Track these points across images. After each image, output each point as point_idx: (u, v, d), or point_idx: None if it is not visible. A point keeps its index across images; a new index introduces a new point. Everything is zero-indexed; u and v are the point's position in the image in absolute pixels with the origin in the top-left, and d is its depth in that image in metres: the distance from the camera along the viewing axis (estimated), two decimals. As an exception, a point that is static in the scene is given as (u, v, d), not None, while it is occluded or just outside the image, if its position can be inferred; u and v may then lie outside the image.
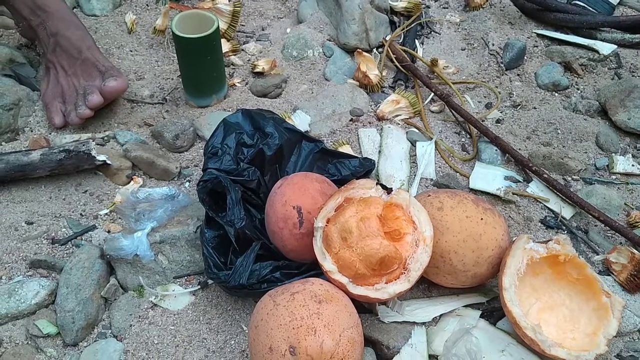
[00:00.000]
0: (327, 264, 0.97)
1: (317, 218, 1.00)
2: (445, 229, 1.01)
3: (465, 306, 1.08)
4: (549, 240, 1.02)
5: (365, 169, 1.24)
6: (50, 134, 1.40)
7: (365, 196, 1.02)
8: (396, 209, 1.02)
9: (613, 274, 1.13)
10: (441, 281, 1.06)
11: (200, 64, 1.41)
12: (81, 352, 1.05)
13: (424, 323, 1.05)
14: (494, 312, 1.08)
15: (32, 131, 1.41)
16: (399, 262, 0.97)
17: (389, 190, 1.03)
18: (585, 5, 1.73)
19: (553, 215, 1.24)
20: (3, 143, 1.37)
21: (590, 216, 1.21)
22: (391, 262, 0.96)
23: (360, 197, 1.02)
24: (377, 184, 1.04)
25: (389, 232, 0.98)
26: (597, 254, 1.17)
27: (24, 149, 1.31)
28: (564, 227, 1.22)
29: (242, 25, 1.75)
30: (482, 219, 1.01)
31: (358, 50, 1.56)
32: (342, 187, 1.03)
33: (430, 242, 0.98)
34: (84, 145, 1.26)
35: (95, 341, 1.07)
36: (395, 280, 0.97)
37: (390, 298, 0.96)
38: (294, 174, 1.13)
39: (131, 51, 1.64)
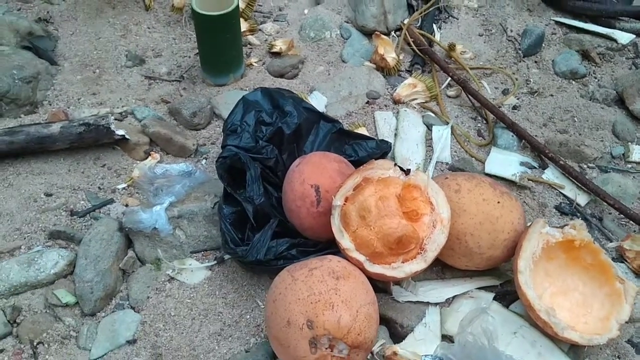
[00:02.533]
0: (345, 241, 0.98)
1: (335, 196, 1.01)
2: (462, 211, 1.02)
3: (479, 288, 1.09)
4: (565, 225, 1.03)
5: (382, 151, 1.25)
6: (68, 107, 1.41)
7: (384, 176, 1.03)
8: (414, 190, 1.02)
9: (626, 261, 1.14)
10: (456, 263, 1.07)
11: (219, 42, 1.41)
12: (99, 322, 1.07)
13: (437, 303, 1.06)
14: (506, 295, 1.09)
15: (50, 105, 1.42)
16: (416, 242, 0.98)
17: (406, 172, 1.04)
18: (605, -6, 1.72)
19: (568, 202, 1.25)
20: (22, 115, 1.38)
21: (605, 204, 1.22)
22: (409, 241, 0.97)
23: (379, 177, 1.02)
24: (394, 165, 1.04)
25: (407, 212, 0.99)
26: (611, 241, 1.18)
27: (43, 122, 1.32)
28: (579, 214, 1.23)
29: (260, 5, 1.74)
30: (499, 202, 1.02)
31: (376, 32, 1.56)
32: (361, 167, 1.04)
33: (447, 223, 0.99)
34: (103, 119, 1.27)
35: (113, 312, 1.09)
36: (412, 259, 0.98)
37: (406, 277, 0.97)
38: (312, 153, 1.14)
39: (149, 28, 1.64)
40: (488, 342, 0.84)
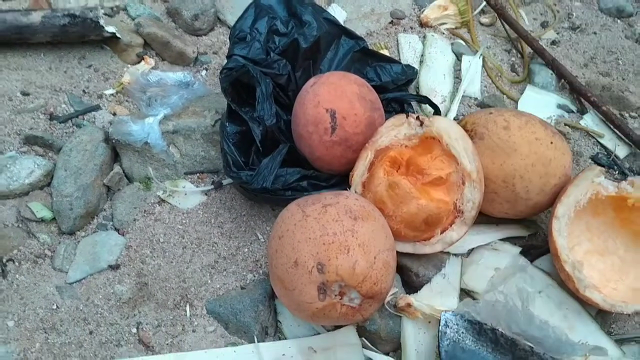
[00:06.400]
0: None
1: (351, 186, 0.91)
2: (512, 151, 0.88)
3: (503, 240, 0.98)
4: (623, 180, 0.90)
5: (407, 77, 1.10)
6: (52, -4, 1.23)
7: (383, 145, 0.90)
8: (433, 143, 0.89)
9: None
10: (494, 210, 0.95)
11: None
12: (78, 242, 0.95)
13: (457, 254, 0.95)
14: (531, 249, 0.99)
15: (31, -9, 1.24)
16: (447, 214, 0.87)
17: (421, 121, 0.90)
18: None
19: (605, 153, 1.13)
20: (-1, 1, 1.20)
21: (646, 158, 1.10)
22: (437, 219, 0.86)
23: (386, 146, 0.89)
24: (407, 116, 0.90)
25: (431, 181, 0.88)
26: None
27: (23, 9, 1.14)
28: (616, 167, 1.11)
29: None
30: (552, 142, 0.89)
31: (407, -58, 1.37)
32: (370, 140, 0.91)
33: (476, 176, 0.86)
34: (91, 11, 1.10)
35: (94, 232, 0.97)
36: (451, 226, 0.87)
37: (450, 245, 0.88)
38: (330, 73, 0.99)
39: None
40: (522, 304, 0.74)
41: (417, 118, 0.90)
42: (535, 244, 0.99)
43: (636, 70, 1.27)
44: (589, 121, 1.16)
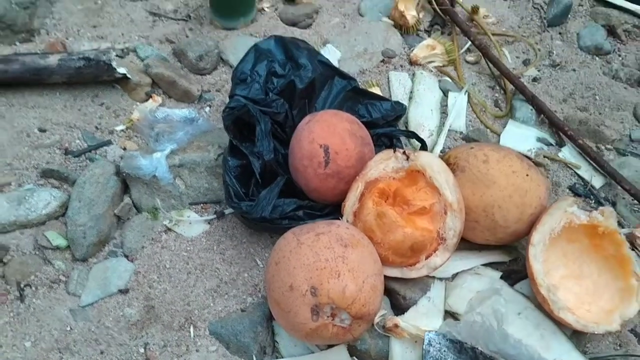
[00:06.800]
0: None
1: (343, 216, 0.99)
2: (491, 183, 0.97)
3: (485, 265, 1.06)
4: (594, 209, 0.99)
5: (397, 113, 1.19)
6: (67, 39, 1.33)
7: (372, 177, 0.98)
8: (418, 176, 0.98)
9: (637, 249, 1.10)
10: (476, 237, 1.03)
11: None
12: (90, 268, 1.03)
13: (442, 278, 1.02)
14: (512, 273, 1.06)
15: (48, 34, 1.34)
16: (431, 241, 0.95)
17: (408, 156, 0.99)
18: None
19: (582, 183, 1.21)
20: (17, 43, 1.30)
21: (620, 188, 1.18)
22: (422, 246, 0.95)
23: (375, 179, 0.98)
24: (394, 151, 0.99)
25: (416, 211, 0.96)
26: (623, 227, 1.15)
27: (40, 52, 1.24)
28: (592, 197, 1.19)
29: (276, -54, 1.64)
30: (527, 175, 0.98)
31: (398, -13, 1.48)
32: (360, 173, 1.00)
33: (457, 206, 0.95)
34: (104, 54, 1.19)
35: (105, 259, 1.04)
36: (434, 252, 0.96)
37: (434, 270, 0.96)
38: (323, 111, 1.08)
39: (157, -40, 1.53)
40: (497, 324, 0.81)
41: (404, 153, 0.99)
42: (516, 268, 1.07)
43: (612, 105, 1.36)
44: (567, 153, 1.25)
